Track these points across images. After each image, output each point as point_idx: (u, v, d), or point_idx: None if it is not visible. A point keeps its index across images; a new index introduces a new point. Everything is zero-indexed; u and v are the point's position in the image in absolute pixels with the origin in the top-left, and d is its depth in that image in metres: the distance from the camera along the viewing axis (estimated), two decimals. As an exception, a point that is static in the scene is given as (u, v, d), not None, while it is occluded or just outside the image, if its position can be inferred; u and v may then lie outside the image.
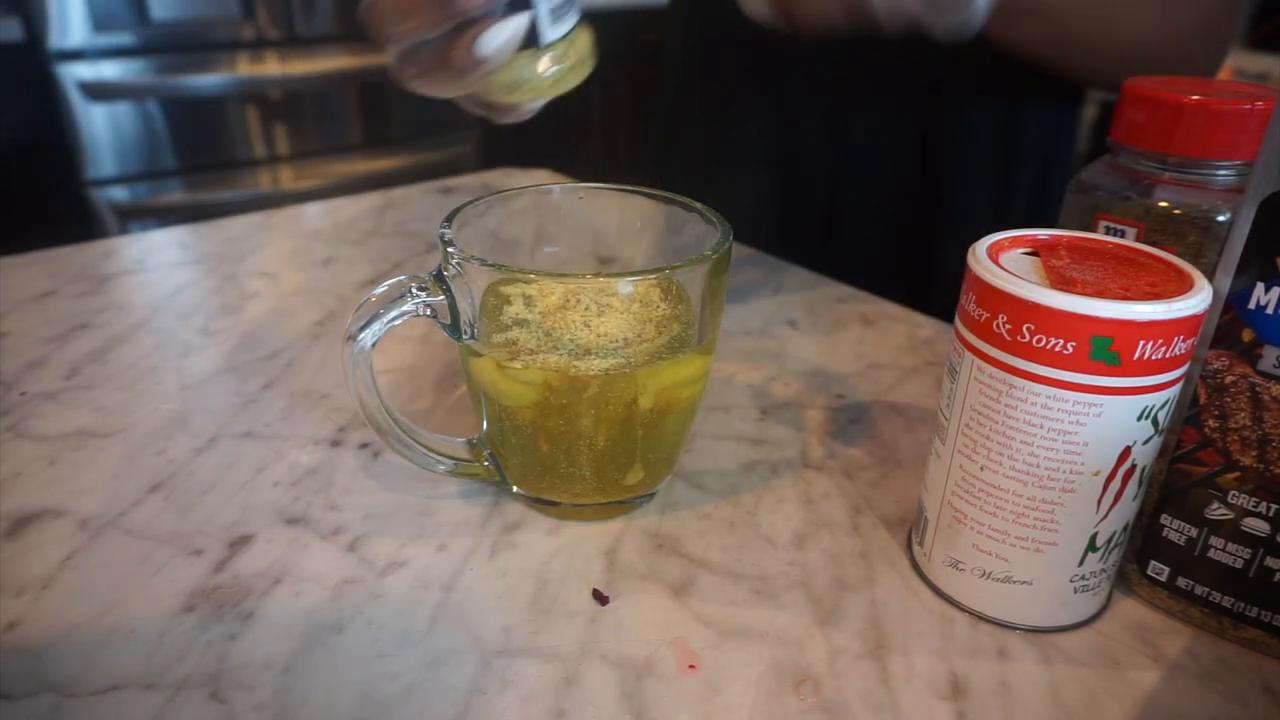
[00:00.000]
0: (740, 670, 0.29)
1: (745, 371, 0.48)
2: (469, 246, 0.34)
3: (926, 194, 0.66)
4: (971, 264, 0.28)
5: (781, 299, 0.57)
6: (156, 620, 0.30)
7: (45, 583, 0.32)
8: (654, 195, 0.38)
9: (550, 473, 0.35)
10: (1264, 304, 0.27)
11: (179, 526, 0.35)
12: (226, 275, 0.58)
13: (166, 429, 0.41)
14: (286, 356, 0.48)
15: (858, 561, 0.34)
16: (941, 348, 0.51)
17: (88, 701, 0.27)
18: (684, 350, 0.33)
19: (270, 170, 1.79)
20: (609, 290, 0.32)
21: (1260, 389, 0.28)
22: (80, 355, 0.48)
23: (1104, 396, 0.26)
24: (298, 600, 0.31)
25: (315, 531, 0.35)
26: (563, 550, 0.34)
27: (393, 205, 0.73)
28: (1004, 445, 0.28)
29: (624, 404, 0.33)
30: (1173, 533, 0.31)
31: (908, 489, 0.38)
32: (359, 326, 0.31)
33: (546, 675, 0.28)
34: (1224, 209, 0.31)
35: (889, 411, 0.44)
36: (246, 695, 0.27)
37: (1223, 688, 0.29)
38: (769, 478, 0.39)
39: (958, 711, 0.27)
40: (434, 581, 0.32)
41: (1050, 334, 0.26)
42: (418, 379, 0.46)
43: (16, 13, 1.47)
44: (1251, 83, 0.34)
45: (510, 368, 0.32)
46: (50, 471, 0.38)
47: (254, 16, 1.66)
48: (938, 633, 0.31)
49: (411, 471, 0.38)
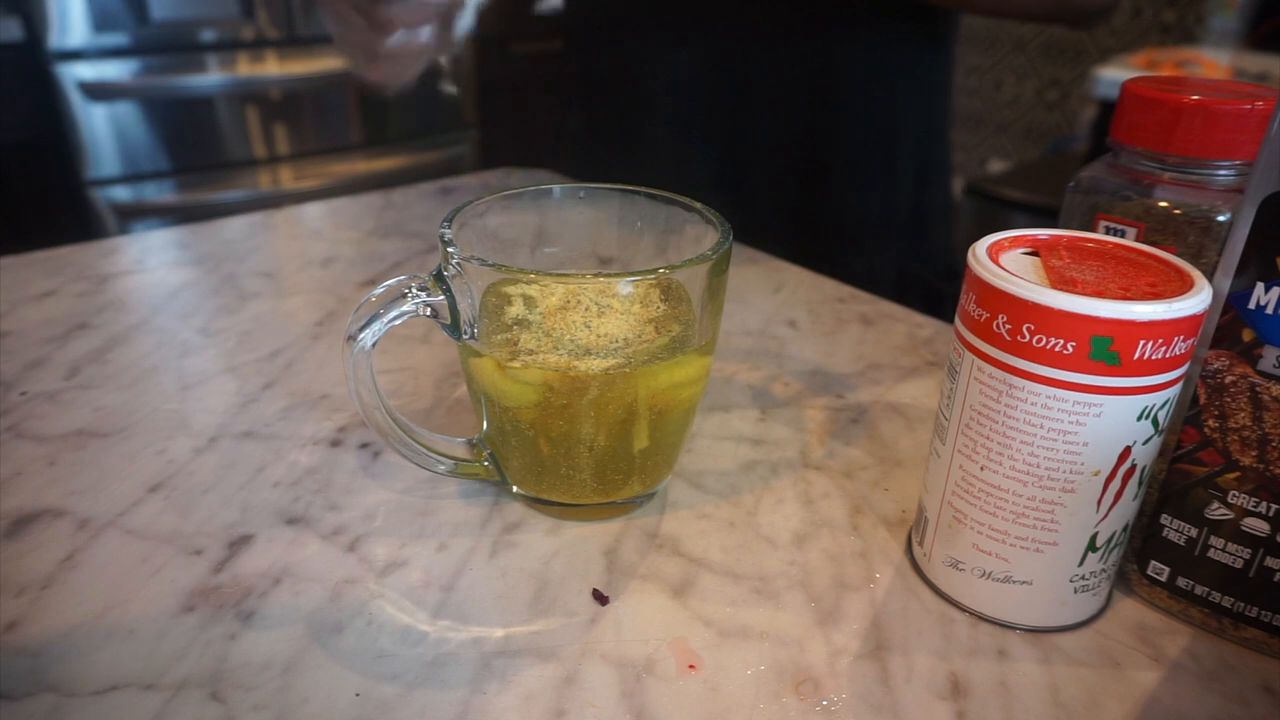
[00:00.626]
0: (740, 670, 0.29)
1: (745, 371, 0.48)
2: (469, 246, 0.34)
3: (818, 138, 0.70)
4: (971, 264, 0.28)
5: (781, 299, 0.57)
6: (156, 620, 0.30)
7: (45, 583, 0.32)
8: (654, 195, 0.38)
9: (550, 473, 0.35)
10: (1264, 304, 0.27)
11: (179, 526, 0.35)
12: (226, 275, 0.58)
13: (166, 429, 0.41)
14: (286, 356, 0.48)
15: (858, 561, 0.34)
16: (941, 348, 0.51)
17: (88, 701, 0.27)
18: (684, 350, 0.33)
19: (270, 170, 1.79)
20: (609, 290, 0.32)
21: (1260, 389, 0.28)
22: (80, 355, 0.48)
23: (1104, 396, 0.26)
24: (298, 600, 0.31)
25: (315, 531, 0.35)
26: (563, 550, 0.34)
27: (393, 205, 0.73)
28: (1004, 445, 0.28)
29: (624, 404, 0.33)
30: (1173, 533, 0.31)
31: (908, 489, 0.38)
32: (359, 326, 0.31)
33: (546, 675, 0.28)
34: (1224, 209, 0.31)
35: (889, 411, 0.44)
36: (246, 695, 0.27)
37: (1223, 688, 0.29)
38: (769, 478, 0.39)
39: (958, 711, 0.27)
40: (434, 581, 0.32)
41: (1050, 334, 0.26)
42: (418, 379, 0.46)
43: (16, 13, 1.47)
44: (1251, 83, 0.34)
45: (510, 368, 0.32)
46: (50, 471, 0.38)
47: (254, 16, 1.66)
48: (938, 633, 0.31)
49: (411, 471, 0.38)
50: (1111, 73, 1.76)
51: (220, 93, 1.68)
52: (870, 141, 0.71)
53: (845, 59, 0.68)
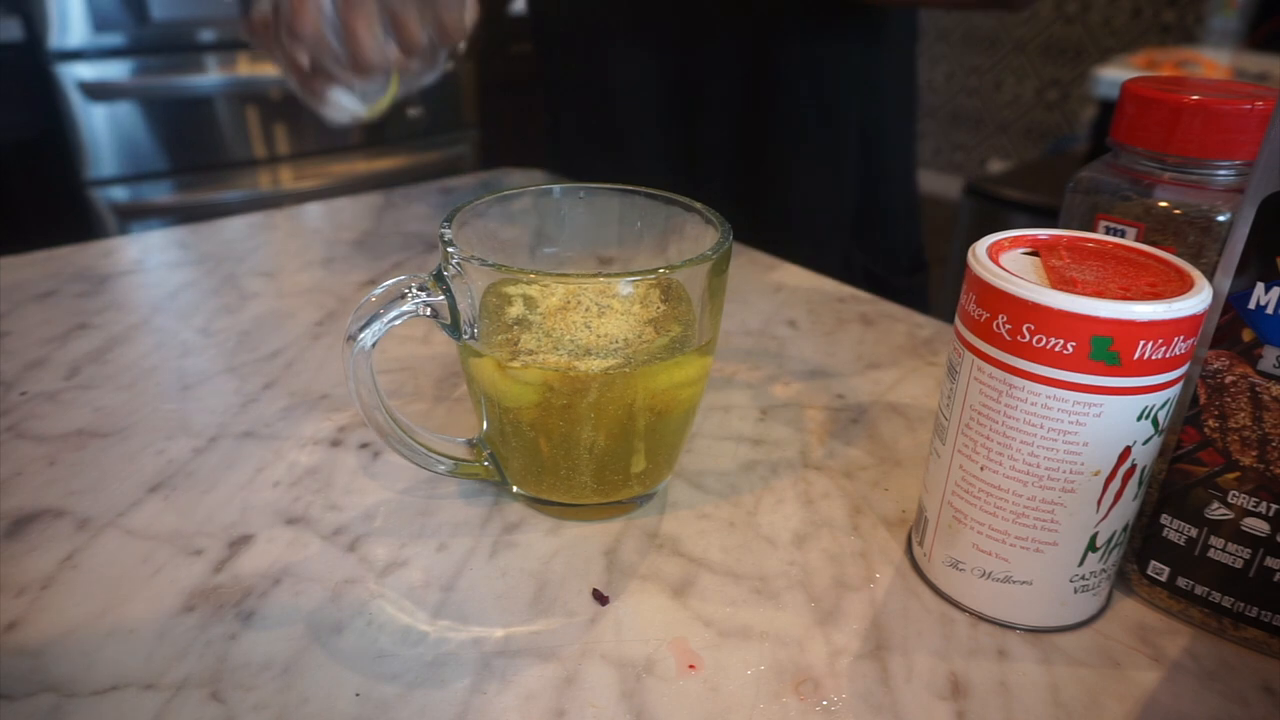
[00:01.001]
0: (740, 670, 0.29)
1: (745, 371, 0.48)
2: (469, 246, 0.34)
3: (759, 131, 0.73)
4: (971, 264, 0.28)
5: (781, 299, 0.57)
6: (156, 620, 0.30)
7: (45, 583, 0.32)
8: (654, 195, 0.38)
9: (550, 473, 0.35)
10: (1264, 304, 0.27)
11: (179, 526, 0.35)
12: (226, 275, 0.58)
13: (166, 429, 0.41)
14: (286, 356, 0.48)
15: (858, 561, 0.34)
16: (941, 348, 0.51)
17: (88, 701, 0.27)
18: (684, 350, 0.33)
19: (270, 170, 1.79)
20: (609, 291, 0.32)
21: (1260, 389, 0.28)
22: (80, 355, 0.48)
23: (1104, 396, 0.26)
24: (298, 600, 0.31)
25: (315, 531, 0.35)
26: (563, 550, 0.34)
27: (393, 205, 0.73)
28: (1004, 445, 0.28)
29: (624, 404, 0.33)
30: (1173, 533, 0.31)
31: (908, 489, 0.38)
32: (359, 326, 0.31)
33: (546, 675, 0.28)
34: (1224, 209, 0.31)
35: (889, 411, 0.44)
36: (246, 695, 0.27)
37: (1223, 688, 0.29)
38: (769, 478, 0.39)
39: (957, 711, 0.27)
40: (434, 581, 0.32)
41: (1050, 334, 0.26)
42: (418, 379, 0.46)
43: (16, 13, 1.47)
44: (1251, 83, 0.34)
45: (510, 368, 0.32)
46: (50, 471, 0.38)
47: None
48: (938, 633, 0.31)
49: (411, 471, 0.38)
50: (1111, 73, 1.76)
51: (220, 93, 1.68)
52: (809, 136, 0.73)
53: (780, 54, 0.70)
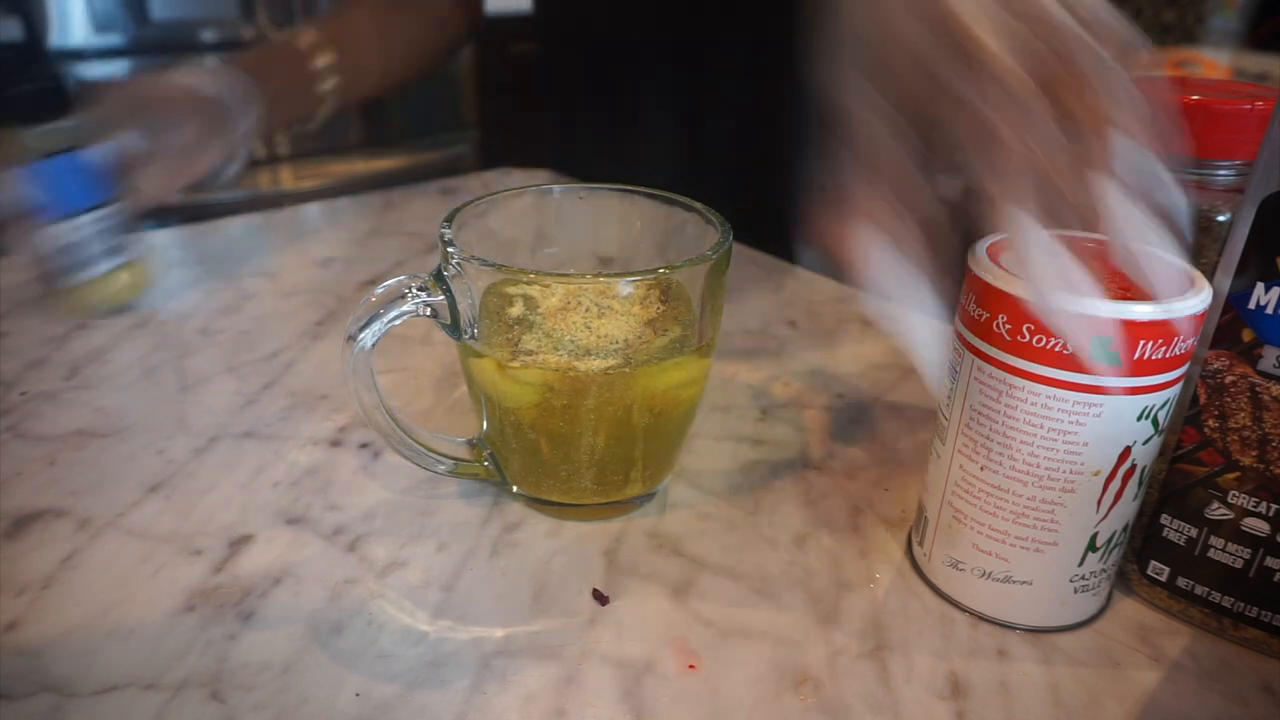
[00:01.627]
0: (740, 670, 0.29)
1: (745, 371, 0.48)
2: (469, 246, 0.34)
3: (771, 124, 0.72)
4: (971, 264, 0.28)
5: (781, 299, 0.57)
6: (156, 620, 0.30)
7: (45, 583, 0.32)
8: (654, 195, 0.38)
9: (550, 473, 0.35)
10: (1264, 304, 0.27)
11: (179, 526, 0.35)
12: (226, 275, 0.58)
13: (166, 429, 0.41)
14: (286, 356, 0.48)
15: (858, 561, 0.34)
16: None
17: (88, 701, 0.27)
18: (684, 351, 0.33)
19: (270, 170, 1.79)
20: (609, 291, 0.32)
21: (1260, 389, 0.28)
22: (80, 355, 0.48)
23: (1104, 396, 0.26)
24: (298, 600, 0.31)
25: (315, 531, 0.35)
26: (563, 550, 0.34)
27: (393, 205, 0.73)
28: (1004, 445, 0.28)
29: (624, 404, 0.33)
30: (1173, 533, 0.31)
31: (908, 489, 0.38)
32: (359, 326, 0.31)
33: (546, 675, 0.28)
34: (1224, 209, 0.31)
35: (889, 411, 0.44)
36: (246, 695, 0.27)
37: (1223, 688, 0.29)
38: (769, 478, 0.39)
39: (957, 711, 0.27)
40: (434, 581, 0.32)
41: (1050, 334, 0.26)
42: (418, 379, 0.46)
43: (16, 13, 1.47)
44: (1251, 83, 0.34)
45: (510, 368, 0.32)
46: (50, 471, 0.38)
47: (254, 16, 1.66)
48: (938, 633, 0.31)
49: (411, 471, 0.38)
50: (1111, 73, 1.75)
51: (220, 93, 1.67)
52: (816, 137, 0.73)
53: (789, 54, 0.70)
